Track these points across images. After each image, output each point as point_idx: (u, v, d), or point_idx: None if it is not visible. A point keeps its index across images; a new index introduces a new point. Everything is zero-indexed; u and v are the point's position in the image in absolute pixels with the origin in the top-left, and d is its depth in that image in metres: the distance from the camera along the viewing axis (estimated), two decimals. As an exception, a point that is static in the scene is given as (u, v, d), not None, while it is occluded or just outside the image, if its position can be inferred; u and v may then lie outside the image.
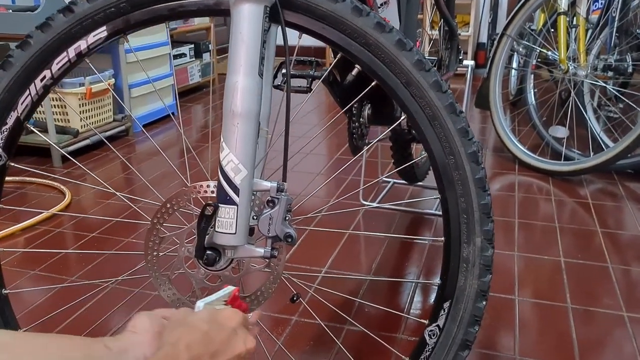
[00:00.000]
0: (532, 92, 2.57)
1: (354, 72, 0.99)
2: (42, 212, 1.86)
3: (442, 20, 1.75)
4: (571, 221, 1.88)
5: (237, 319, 0.62)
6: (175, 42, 3.44)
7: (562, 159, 2.27)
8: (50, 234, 1.78)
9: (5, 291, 0.86)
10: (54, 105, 2.43)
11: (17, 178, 2.15)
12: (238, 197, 0.72)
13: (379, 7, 1.18)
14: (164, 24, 0.83)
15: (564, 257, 1.63)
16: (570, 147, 2.32)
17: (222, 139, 0.72)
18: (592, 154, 2.18)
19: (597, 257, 1.64)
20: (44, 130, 2.36)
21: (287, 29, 0.77)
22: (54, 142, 2.33)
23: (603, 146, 2.20)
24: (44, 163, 2.39)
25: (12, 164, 0.85)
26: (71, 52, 0.79)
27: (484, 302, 0.80)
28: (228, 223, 0.72)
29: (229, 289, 0.70)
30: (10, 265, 1.59)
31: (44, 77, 0.80)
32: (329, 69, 0.98)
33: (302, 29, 0.79)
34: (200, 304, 0.65)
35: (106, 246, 1.69)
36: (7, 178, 2.24)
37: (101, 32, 0.79)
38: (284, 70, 1.11)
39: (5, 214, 1.86)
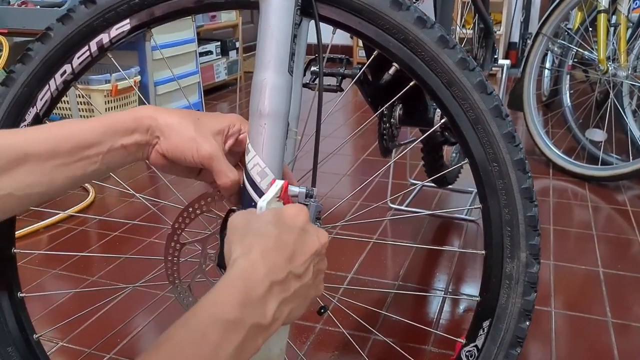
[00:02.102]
0: (568, 94, 2.48)
1: (391, 70, 0.94)
2: (65, 210, 1.85)
3: (476, 17, 1.68)
4: (609, 229, 1.79)
5: (304, 215, 0.56)
6: (202, 39, 3.41)
7: (599, 163, 2.18)
8: (73, 232, 1.76)
9: (20, 294, 0.83)
10: (80, 102, 2.41)
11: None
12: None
13: (414, 3, 1.13)
14: (190, 20, 0.79)
15: (602, 267, 1.55)
16: (607, 151, 2.23)
17: (247, 141, 0.67)
18: (631, 158, 2.09)
19: (638, 268, 1.55)
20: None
21: (320, 23, 0.72)
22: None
23: (643, 151, 2.11)
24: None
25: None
26: (93, 45, 0.75)
27: (528, 323, 0.74)
28: (254, 231, 0.67)
29: (279, 183, 0.64)
30: (32, 263, 1.57)
31: (65, 71, 0.76)
32: (364, 68, 0.93)
33: (336, 24, 0.73)
34: (262, 204, 0.58)
35: (129, 245, 1.66)
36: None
37: (124, 25, 0.74)
38: (313, 68, 1.06)
39: (28, 211, 1.84)
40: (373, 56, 0.78)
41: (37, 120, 0.77)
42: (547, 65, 2.81)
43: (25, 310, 0.85)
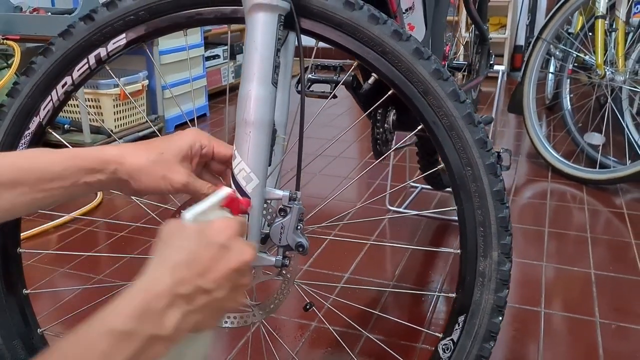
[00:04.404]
0: (568, 98, 2.50)
1: (371, 80, 0.98)
2: (74, 212, 1.91)
3: (472, 24, 1.72)
4: (605, 231, 1.82)
5: (230, 230, 0.55)
6: (210, 43, 3.48)
7: (597, 166, 2.20)
8: (81, 232, 1.82)
9: (26, 291, 0.88)
10: (89, 106, 2.48)
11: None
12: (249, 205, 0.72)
13: (404, 13, 1.17)
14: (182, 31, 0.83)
15: (594, 269, 1.58)
16: (606, 155, 2.25)
17: (234, 147, 0.72)
18: (629, 162, 2.11)
19: (630, 270, 1.58)
20: (79, 130, 2.42)
21: (303, 36, 0.77)
22: (89, 142, 2.39)
23: (641, 154, 2.13)
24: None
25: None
26: (91, 59, 0.80)
27: (501, 318, 0.78)
28: (239, 231, 0.72)
29: (223, 192, 0.63)
30: (42, 262, 1.63)
31: (65, 83, 0.81)
32: (349, 73, 0.97)
33: (319, 37, 0.78)
34: (188, 215, 0.56)
35: (134, 245, 1.72)
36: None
37: (120, 40, 0.80)
38: (307, 75, 1.10)
39: (38, 212, 1.91)
40: (355, 64, 0.82)
41: (40, 128, 0.82)
42: (551, 69, 2.84)
43: (30, 306, 0.90)
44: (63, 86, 0.81)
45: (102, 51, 0.80)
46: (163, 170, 0.66)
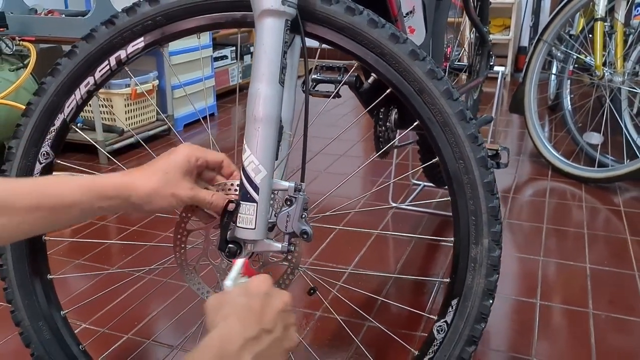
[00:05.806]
0: (568, 98, 2.55)
1: (370, 80, 1.04)
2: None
3: (472, 27, 1.78)
4: (602, 228, 1.87)
5: (266, 283, 0.67)
6: (218, 44, 3.55)
7: (596, 165, 2.25)
8: (95, 226, 1.89)
9: (50, 276, 0.95)
10: (102, 105, 2.55)
11: (65, 174, 2.28)
12: (258, 195, 0.78)
13: (405, 17, 1.23)
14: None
15: (590, 263, 1.64)
16: (604, 154, 2.30)
17: (244, 142, 0.78)
18: (627, 160, 2.16)
19: (625, 265, 1.63)
20: (92, 128, 2.49)
21: (307, 39, 0.83)
22: (101, 139, 2.46)
23: (638, 153, 2.18)
24: (91, 160, 2.52)
25: (59, 161, 0.93)
26: (112, 60, 0.87)
27: (491, 301, 0.84)
28: (248, 219, 0.78)
29: (240, 262, 0.75)
30: (57, 254, 1.70)
31: (88, 83, 0.88)
32: (350, 73, 1.03)
33: (322, 40, 0.84)
34: (228, 283, 0.70)
35: (145, 239, 1.79)
36: (56, 174, 2.38)
37: (139, 43, 0.86)
38: (312, 76, 1.17)
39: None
40: (356, 65, 0.89)
41: (65, 124, 0.89)
42: (554, 70, 2.89)
43: (53, 290, 0.97)
44: (86, 86, 0.87)
45: (122, 53, 0.86)
46: (171, 189, 0.75)
